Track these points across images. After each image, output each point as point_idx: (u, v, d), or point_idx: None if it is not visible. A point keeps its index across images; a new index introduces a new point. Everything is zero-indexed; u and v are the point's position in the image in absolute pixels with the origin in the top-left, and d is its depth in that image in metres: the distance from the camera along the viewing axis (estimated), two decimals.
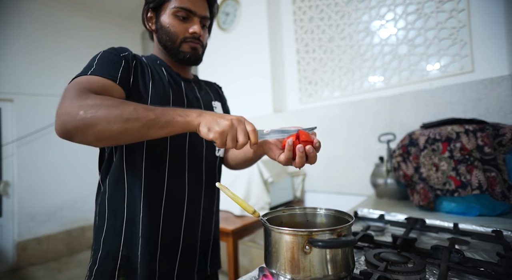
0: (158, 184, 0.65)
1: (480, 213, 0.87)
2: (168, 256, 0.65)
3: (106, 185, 0.64)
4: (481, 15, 1.19)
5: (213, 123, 0.51)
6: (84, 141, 0.50)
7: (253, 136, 0.52)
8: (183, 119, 0.51)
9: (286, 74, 1.95)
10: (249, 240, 1.96)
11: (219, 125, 0.50)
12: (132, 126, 0.49)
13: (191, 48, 0.71)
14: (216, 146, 0.52)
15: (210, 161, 0.75)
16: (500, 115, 1.13)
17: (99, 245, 0.63)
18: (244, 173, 1.49)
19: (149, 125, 0.49)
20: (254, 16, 1.97)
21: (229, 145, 0.51)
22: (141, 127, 0.49)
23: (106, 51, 0.63)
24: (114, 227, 0.63)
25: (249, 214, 0.49)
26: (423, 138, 0.96)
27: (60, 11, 3.25)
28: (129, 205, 0.63)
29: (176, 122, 0.51)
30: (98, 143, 0.51)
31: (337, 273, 0.41)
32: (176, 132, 0.52)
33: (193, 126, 0.52)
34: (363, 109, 1.53)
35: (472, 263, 0.52)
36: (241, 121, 0.52)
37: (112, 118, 0.48)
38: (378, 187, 1.22)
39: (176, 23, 0.69)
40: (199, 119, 0.52)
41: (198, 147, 0.72)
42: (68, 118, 0.48)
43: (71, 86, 0.53)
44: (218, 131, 0.49)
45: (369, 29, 1.53)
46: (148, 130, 0.50)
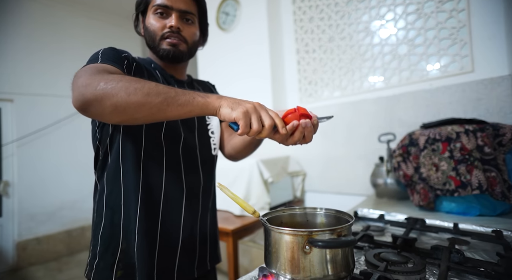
0: (156, 184, 0.66)
1: (480, 213, 0.87)
2: (168, 253, 0.66)
3: (104, 183, 0.65)
4: (481, 15, 1.19)
5: (235, 104, 0.49)
6: (100, 112, 0.49)
7: (279, 120, 0.50)
8: (203, 99, 0.50)
9: (286, 74, 1.95)
10: (249, 240, 1.96)
11: (242, 106, 0.48)
12: (152, 100, 0.47)
13: (169, 44, 0.69)
14: (239, 130, 0.48)
15: (206, 160, 0.76)
16: (500, 115, 1.13)
17: (97, 240, 0.64)
18: (244, 173, 1.49)
19: (168, 101, 0.48)
20: (254, 16, 1.97)
21: (254, 127, 0.48)
22: (161, 103, 0.48)
23: (107, 49, 0.63)
24: (112, 223, 0.64)
25: (249, 214, 0.49)
26: (423, 138, 0.96)
27: (60, 11, 3.25)
28: (126, 203, 0.64)
29: (196, 102, 0.49)
30: (114, 116, 0.49)
31: (337, 273, 0.41)
32: (195, 113, 0.50)
33: (213, 107, 0.50)
34: (363, 109, 1.53)
35: (472, 263, 0.52)
36: (263, 106, 0.51)
37: (132, 89, 0.47)
38: (378, 187, 1.22)
39: (155, 21, 0.68)
40: (220, 101, 0.50)
41: (191, 148, 0.72)
42: (88, 88, 0.47)
43: (86, 68, 0.53)
44: (241, 111, 0.47)
45: (369, 29, 1.53)
46: (167, 107, 0.48)
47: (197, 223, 0.72)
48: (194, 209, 0.72)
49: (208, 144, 0.78)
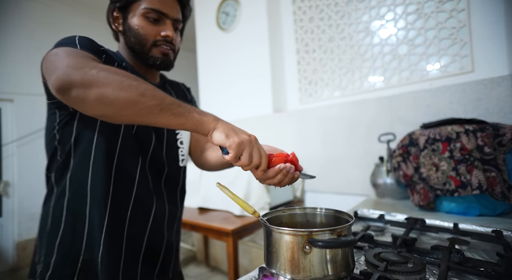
0: (126, 193, 0.63)
1: (480, 213, 0.87)
2: (132, 263, 0.63)
3: (65, 187, 0.60)
4: (481, 15, 1.19)
5: (231, 132, 0.47)
6: (82, 99, 0.43)
7: (265, 161, 0.50)
8: (199, 116, 0.48)
9: (286, 74, 1.95)
10: (249, 240, 1.96)
11: (238, 136, 0.47)
12: (145, 101, 0.44)
13: (162, 53, 0.67)
14: (228, 157, 0.48)
15: (173, 171, 0.73)
16: (500, 115, 1.13)
17: (52, 250, 0.58)
18: (244, 173, 1.49)
19: (162, 107, 0.45)
20: (254, 16, 1.97)
21: (243, 161, 0.48)
22: (154, 106, 0.44)
23: (83, 37, 0.58)
24: (73, 231, 0.59)
25: (249, 214, 0.49)
26: (423, 138, 0.96)
27: (60, 11, 3.25)
28: (92, 210, 0.59)
29: (191, 117, 0.47)
30: (96, 106, 0.44)
31: (337, 273, 0.41)
32: (185, 127, 0.48)
33: (207, 128, 0.48)
34: (363, 109, 1.53)
35: (472, 263, 0.52)
36: (257, 141, 0.50)
37: (127, 85, 0.43)
38: (378, 187, 1.22)
39: (146, 25, 0.64)
40: (216, 124, 0.48)
41: (159, 159, 0.70)
42: (77, 71, 0.43)
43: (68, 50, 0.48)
44: (236, 141, 0.46)
45: (369, 29, 1.53)
46: (159, 112, 0.45)
47: (164, 234, 0.70)
48: (161, 220, 0.70)
49: (176, 155, 0.74)
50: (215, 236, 1.38)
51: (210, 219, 1.45)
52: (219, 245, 2.20)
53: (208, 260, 2.32)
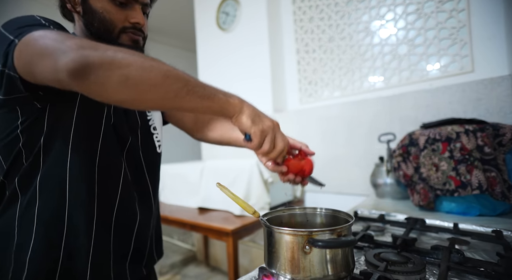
0: (111, 193, 0.58)
1: (480, 213, 0.87)
2: (121, 259, 0.61)
3: (35, 194, 0.52)
4: (481, 15, 1.19)
5: (257, 117, 0.46)
6: (103, 82, 0.38)
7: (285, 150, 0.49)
8: (224, 98, 0.45)
9: (286, 74, 1.95)
10: (249, 240, 1.96)
11: (262, 122, 0.46)
12: (171, 83, 0.41)
13: (132, 40, 0.60)
14: (250, 145, 0.47)
15: (152, 160, 0.69)
16: (500, 115, 1.13)
17: (22, 264, 0.51)
18: (244, 173, 1.49)
19: (188, 89, 0.42)
20: (254, 16, 1.97)
21: (265, 148, 0.47)
22: (180, 89, 0.41)
23: (41, 17, 0.53)
24: (48, 242, 0.52)
25: (249, 214, 0.49)
26: (423, 138, 0.96)
27: None
28: (71, 217, 0.53)
29: (217, 99, 0.45)
30: (120, 90, 0.39)
31: (337, 273, 0.42)
32: (211, 111, 0.45)
33: (233, 110, 0.46)
34: (363, 109, 1.53)
35: (472, 263, 0.52)
36: (279, 127, 0.49)
37: (148, 65, 0.40)
38: (378, 187, 1.22)
39: (113, 9, 0.57)
40: (242, 106, 0.46)
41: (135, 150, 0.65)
42: (94, 52, 0.38)
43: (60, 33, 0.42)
44: (260, 128, 0.45)
45: (369, 29, 1.53)
46: (186, 95, 0.42)
47: (150, 223, 0.68)
48: (147, 213, 0.67)
49: (152, 142, 0.70)
50: (215, 236, 1.38)
51: (210, 219, 1.45)
52: (219, 245, 2.20)
53: (208, 260, 2.32)
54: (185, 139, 5.16)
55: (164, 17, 3.50)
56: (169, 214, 1.62)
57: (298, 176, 0.56)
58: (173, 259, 2.45)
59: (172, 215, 1.59)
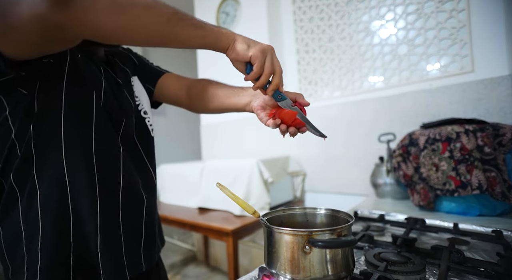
0: (114, 178, 0.56)
1: (480, 213, 0.87)
2: (133, 244, 0.59)
3: (34, 185, 0.50)
4: (481, 15, 1.19)
5: (252, 41, 0.45)
6: (91, 7, 0.35)
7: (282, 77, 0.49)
8: (216, 28, 0.44)
9: (286, 74, 1.95)
10: (249, 240, 1.96)
11: (259, 44, 0.45)
12: (162, 7, 0.39)
13: None
14: (252, 71, 0.46)
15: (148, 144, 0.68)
16: (500, 115, 1.13)
17: (35, 256, 0.50)
18: (244, 173, 1.49)
19: (180, 16, 0.40)
20: (254, 16, 1.97)
21: (268, 69, 0.45)
22: (171, 14, 0.40)
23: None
24: (56, 231, 0.51)
25: (249, 214, 0.49)
26: (423, 138, 0.96)
27: None
28: (76, 204, 0.52)
29: (209, 28, 0.43)
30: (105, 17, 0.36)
31: (337, 273, 0.42)
32: (206, 41, 0.43)
33: (226, 40, 0.44)
34: (363, 109, 1.53)
35: (472, 263, 0.52)
36: (273, 50, 0.48)
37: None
38: (378, 187, 1.22)
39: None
40: (234, 35, 0.45)
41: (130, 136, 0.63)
42: None
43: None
44: (259, 48, 0.44)
45: (369, 29, 1.53)
46: (178, 21, 0.40)
47: (156, 207, 0.68)
48: (152, 197, 0.67)
49: (145, 126, 0.68)
50: (215, 236, 1.38)
51: (210, 219, 1.45)
52: (219, 245, 2.20)
53: (208, 260, 2.32)
54: (185, 139, 5.14)
55: None
56: (169, 214, 1.62)
57: (294, 125, 0.56)
58: (173, 259, 2.45)
59: (172, 215, 1.59)
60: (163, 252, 0.76)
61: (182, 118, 4.25)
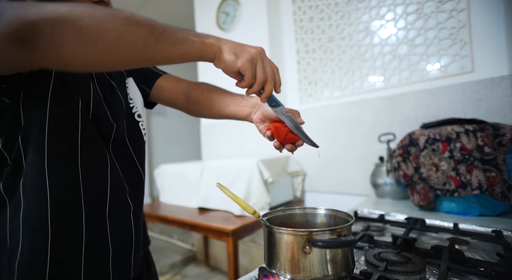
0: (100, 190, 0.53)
1: (480, 213, 0.87)
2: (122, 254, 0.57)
3: (19, 197, 0.48)
4: (481, 15, 1.19)
5: (239, 49, 0.41)
6: (56, 44, 0.32)
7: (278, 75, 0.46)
8: (199, 39, 0.40)
9: (286, 74, 1.95)
10: (249, 240, 1.96)
11: (247, 51, 0.41)
12: (134, 30, 0.35)
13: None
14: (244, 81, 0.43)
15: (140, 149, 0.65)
16: (500, 115, 1.13)
17: (13, 270, 0.47)
18: (244, 173, 1.49)
19: (156, 36, 0.36)
20: (254, 16, 1.97)
21: (260, 78, 0.42)
22: (146, 36, 0.36)
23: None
24: (33, 248, 0.48)
25: (249, 214, 0.49)
26: (423, 138, 0.96)
27: None
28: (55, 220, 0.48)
29: (191, 41, 0.39)
30: (78, 49, 0.33)
31: (337, 273, 0.42)
32: (189, 57, 0.40)
33: (211, 51, 0.40)
34: (363, 109, 1.53)
35: (472, 263, 0.52)
36: (264, 52, 0.44)
37: (101, 14, 0.33)
38: (378, 187, 1.22)
39: None
40: (220, 44, 0.41)
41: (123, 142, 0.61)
42: (28, 10, 0.31)
43: None
44: (247, 58, 0.40)
45: (369, 29, 1.53)
46: (155, 43, 0.37)
47: (141, 209, 0.66)
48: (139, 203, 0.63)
49: (138, 130, 0.65)
50: (215, 236, 1.38)
51: (210, 219, 1.45)
52: (219, 245, 2.20)
53: (208, 260, 2.32)
54: (185, 139, 5.14)
55: (164, 17, 3.49)
56: (169, 214, 1.62)
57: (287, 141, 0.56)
58: (173, 259, 2.45)
59: (172, 215, 1.59)
60: (163, 252, 0.76)
61: (182, 118, 4.25)
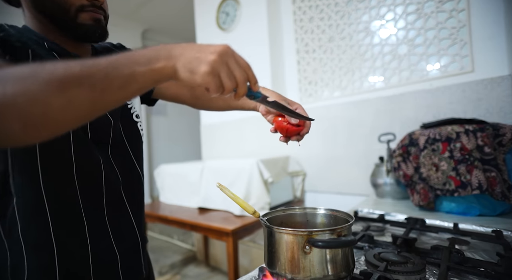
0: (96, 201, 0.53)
1: (480, 213, 0.87)
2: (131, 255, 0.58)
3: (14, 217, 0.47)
4: (481, 15, 1.19)
5: (195, 62, 0.35)
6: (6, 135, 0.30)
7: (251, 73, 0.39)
8: (148, 68, 0.34)
9: (286, 74, 1.95)
10: (249, 240, 1.96)
11: (205, 62, 0.35)
12: (76, 94, 0.31)
13: (93, 19, 0.52)
14: (209, 93, 0.38)
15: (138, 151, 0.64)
16: (500, 115, 1.13)
17: None
18: (244, 173, 1.49)
19: (100, 87, 0.32)
20: (254, 16, 1.97)
21: (228, 87, 0.37)
22: (90, 93, 0.31)
23: None
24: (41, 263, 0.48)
25: (249, 214, 0.49)
26: (423, 138, 0.96)
27: None
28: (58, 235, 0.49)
29: (140, 75, 0.34)
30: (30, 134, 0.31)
31: (337, 273, 0.42)
32: (146, 89, 0.36)
33: (166, 74, 0.36)
34: (363, 109, 1.53)
35: (472, 263, 0.52)
36: (230, 51, 0.37)
37: (36, 89, 0.29)
38: (378, 187, 1.22)
39: None
40: (173, 62, 0.35)
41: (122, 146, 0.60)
42: None
43: None
44: (206, 71, 0.35)
45: (369, 29, 1.53)
46: (101, 94, 0.32)
47: (143, 213, 0.66)
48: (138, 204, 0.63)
49: (136, 131, 0.64)
50: (215, 236, 1.38)
51: (210, 219, 1.45)
52: (219, 245, 2.20)
53: (208, 260, 2.32)
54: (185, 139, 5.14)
55: (164, 17, 3.49)
56: (169, 214, 1.62)
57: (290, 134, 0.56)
58: (173, 259, 2.45)
59: (172, 215, 1.59)
60: (163, 252, 0.76)
61: (182, 118, 4.25)
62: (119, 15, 3.57)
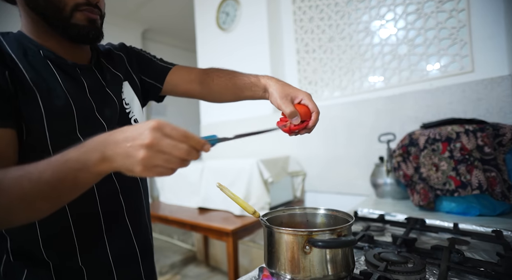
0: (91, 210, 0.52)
1: (480, 213, 0.87)
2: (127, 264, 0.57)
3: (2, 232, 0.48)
4: (481, 15, 1.19)
5: (128, 161, 0.33)
6: None
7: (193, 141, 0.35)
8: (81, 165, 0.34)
9: (286, 74, 1.95)
10: (249, 240, 1.96)
11: (136, 162, 0.32)
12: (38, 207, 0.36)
13: (88, 19, 0.51)
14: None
15: None
16: (500, 115, 1.13)
17: None
18: (244, 173, 1.49)
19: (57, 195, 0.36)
20: (254, 16, 1.97)
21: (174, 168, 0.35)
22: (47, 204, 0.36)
23: None
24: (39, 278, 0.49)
25: (249, 214, 0.49)
26: (423, 138, 0.96)
27: None
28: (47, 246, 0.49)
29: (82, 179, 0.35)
30: None
31: (337, 273, 0.42)
32: (92, 181, 0.36)
33: (102, 171, 0.35)
34: (363, 109, 1.53)
35: (472, 263, 0.52)
36: (157, 136, 0.32)
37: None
38: (378, 187, 1.22)
39: None
40: (109, 164, 0.34)
41: None
42: None
43: None
44: (141, 170, 0.33)
45: (369, 29, 1.53)
46: (58, 200, 0.37)
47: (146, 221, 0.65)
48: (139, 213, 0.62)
49: None
50: (215, 236, 1.38)
51: (210, 219, 1.45)
52: (219, 245, 2.20)
53: (208, 260, 2.32)
54: None
55: (164, 17, 3.49)
56: (169, 214, 1.62)
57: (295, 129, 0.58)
58: (173, 259, 2.45)
59: (172, 215, 1.59)
60: (163, 252, 0.75)
61: (182, 118, 4.24)
62: (118, 15, 3.57)
